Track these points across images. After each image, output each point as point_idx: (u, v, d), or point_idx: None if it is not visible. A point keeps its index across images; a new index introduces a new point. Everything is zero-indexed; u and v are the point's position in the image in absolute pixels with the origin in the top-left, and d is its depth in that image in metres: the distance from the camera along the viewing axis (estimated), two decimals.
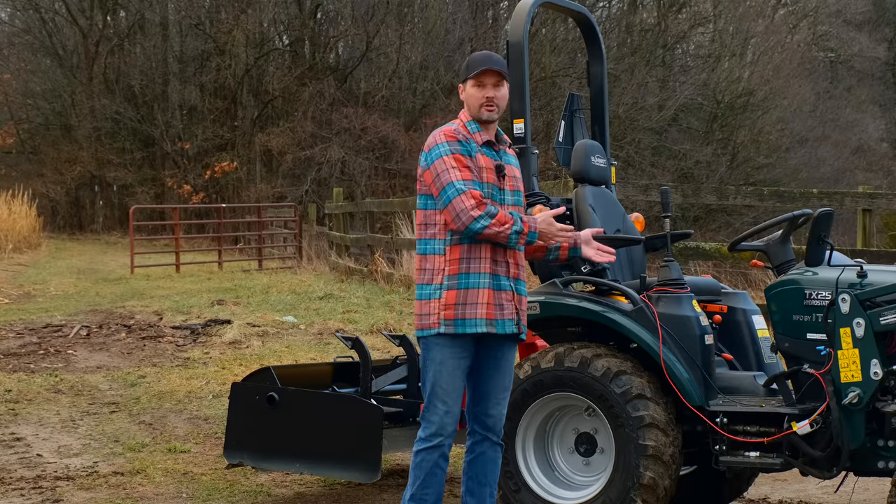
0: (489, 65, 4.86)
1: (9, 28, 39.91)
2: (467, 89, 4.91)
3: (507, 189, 4.90)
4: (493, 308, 4.80)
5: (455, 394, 4.83)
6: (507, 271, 4.86)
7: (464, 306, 4.79)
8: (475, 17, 34.83)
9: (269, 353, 11.11)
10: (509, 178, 4.92)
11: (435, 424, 4.84)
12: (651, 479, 5.08)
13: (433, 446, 4.85)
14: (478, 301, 4.80)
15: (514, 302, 4.86)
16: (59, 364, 10.86)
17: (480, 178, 4.81)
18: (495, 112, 4.89)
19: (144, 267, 21.72)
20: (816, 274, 5.15)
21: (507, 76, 4.92)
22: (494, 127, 4.96)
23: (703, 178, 31.42)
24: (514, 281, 4.88)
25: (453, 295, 4.79)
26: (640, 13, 36.33)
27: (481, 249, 4.80)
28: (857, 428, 4.93)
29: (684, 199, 13.23)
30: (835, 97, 39.08)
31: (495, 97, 4.87)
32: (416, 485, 4.90)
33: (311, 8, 36.26)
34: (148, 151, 36.29)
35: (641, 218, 6.19)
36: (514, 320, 4.86)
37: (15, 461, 7.21)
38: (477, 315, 4.79)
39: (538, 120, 29.81)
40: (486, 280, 4.80)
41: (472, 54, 5.04)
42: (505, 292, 4.84)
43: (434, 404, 4.83)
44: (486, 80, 4.87)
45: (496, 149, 4.93)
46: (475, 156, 4.83)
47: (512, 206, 4.89)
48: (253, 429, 6.33)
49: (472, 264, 4.81)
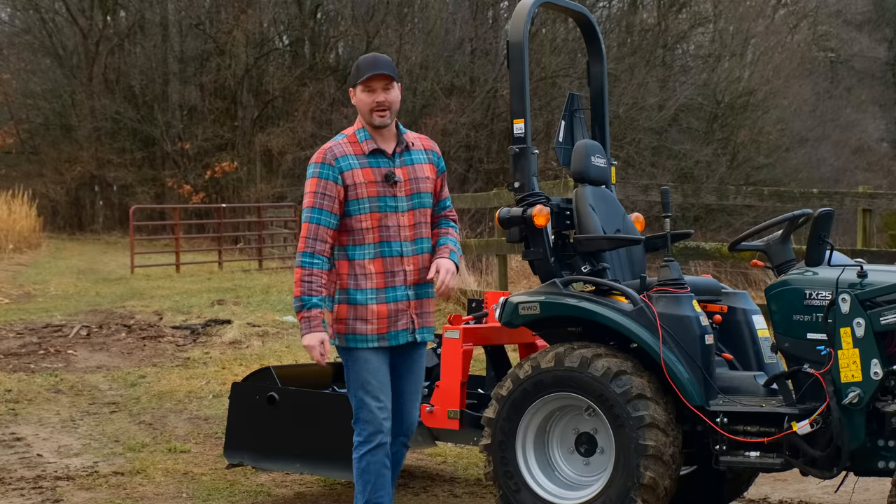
0: (377, 69, 4.82)
1: (9, 28, 39.90)
2: (357, 94, 4.88)
3: (404, 195, 4.86)
4: (385, 321, 4.83)
5: (385, 388, 4.85)
6: (403, 280, 4.86)
7: (354, 321, 4.83)
8: (475, 17, 34.83)
9: (269, 353, 11.11)
10: (407, 181, 4.88)
11: (371, 424, 4.81)
12: (651, 478, 5.08)
13: (375, 446, 4.82)
14: (366, 317, 4.82)
15: (410, 311, 4.87)
16: (59, 364, 10.86)
17: (356, 194, 4.77)
18: (388, 116, 4.86)
19: (144, 267, 21.71)
20: (816, 274, 5.14)
21: (396, 78, 4.88)
22: (391, 130, 4.92)
23: (703, 178, 31.43)
24: (412, 288, 4.88)
25: (343, 309, 4.84)
26: (640, 13, 36.34)
27: (366, 265, 4.82)
28: (857, 428, 4.92)
29: (684, 199, 13.22)
30: (835, 97, 39.10)
31: (386, 100, 4.84)
32: (367, 491, 4.86)
33: (311, 8, 36.24)
34: (148, 151, 36.30)
35: (641, 218, 6.19)
36: (409, 329, 4.87)
37: (15, 461, 7.21)
38: (367, 331, 4.82)
39: (538, 120, 29.80)
40: (372, 296, 4.81)
41: (359, 58, 4.95)
42: (400, 303, 4.85)
43: (366, 402, 4.81)
44: (375, 84, 4.83)
45: (390, 154, 4.88)
46: (350, 172, 4.77)
47: (410, 212, 4.87)
48: (253, 429, 6.34)
49: (359, 280, 4.83)
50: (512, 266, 13.83)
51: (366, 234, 4.82)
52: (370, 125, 4.89)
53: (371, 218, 4.81)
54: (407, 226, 4.87)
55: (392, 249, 4.84)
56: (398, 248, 4.85)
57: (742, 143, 33.62)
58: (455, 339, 5.88)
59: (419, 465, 7.26)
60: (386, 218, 4.83)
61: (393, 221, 4.84)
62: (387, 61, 4.88)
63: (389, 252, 4.84)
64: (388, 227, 4.83)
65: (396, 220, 4.85)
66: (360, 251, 4.83)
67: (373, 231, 4.82)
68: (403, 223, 4.86)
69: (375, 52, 5.18)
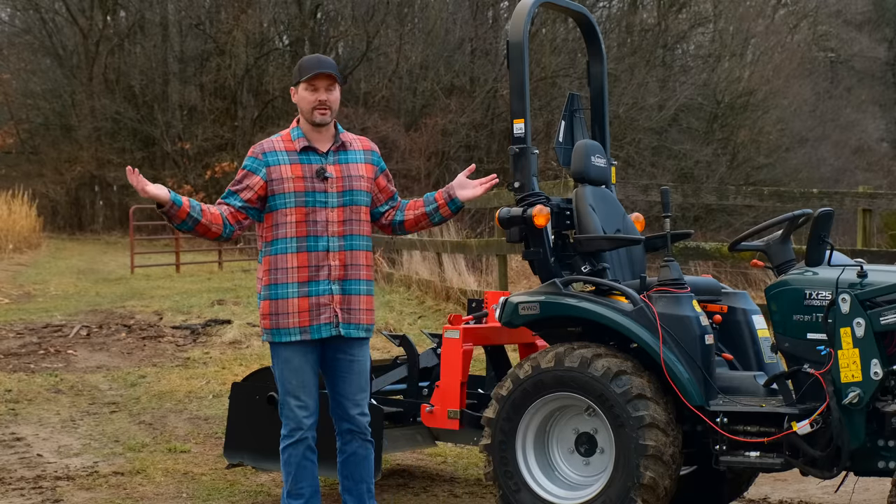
0: (321, 68, 5.01)
1: (9, 28, 39.94)
2: (299, 92, 5.05)
3: (335, 191, 5.00)
4: (307, 314, 4.95)
5: (305, 388, 4.99)
6: (328, 274, 4.97)
7: (276, 316, 4.99)
8: (475, 17, 34.84)
9: (268, 353, 11.07)
10: (340, 178, 5.01)
11: (292, 420, 5.01)
12: (651, 479, 5.08)
13: (296, 441, 5.01)
14: (288, 311, 4.96)
15: (333, 305, 4.97)
16: (59, 364, 10.87)
17: (283, 188, 4.94)
18: (328, 115, 5.03)
19: (144, 267, 21.73)
20: (816, 274, 5.14)
21: (339, 79, 5.06)
22: (329, 129, 5.08)
23: (703, 178, 31.44)
24: (338, 283, 4.98)
25: (267, 305, 5.01)
26: (640, 13, 36.36)
27: (288, 259, 4.96)
28: (857, 428, 4.92)
29: (684, 199, 13.21)
30: (835, 97, 39.11)
31: (328, 100, 5.01)
32: (289, 481, 5.06)
33: (311, 8, 36.26)
34: (148, 151, 36.31)
35: (641, 218, 6.19)
36: (333, 324, 4.97)
37: (15, 461, 7.21)
38: (290, 325, 4.97)
39: (538, 120, 29.81)
40: (294, 289, 4.95)
41: (303, 58, 5.17)
42: (322, 297, 4.96)
43: (287, 401, 5.02)
44: (318, 83, 5.01)
45: (323, 151, 5.03)
46: (277, 167, 4.95)
47: (341, 209, 4.99)
48: (253, 429, 6.34)
49: (280, 275, 4.98)
50: (512, 266, 13.84)
51: (289, 228, 4.97)
52: (310, 123, 5.05)
53: (297, 212, 4.96)
54: (336, 221, 5.00)
55: (318, 244, 4.97)
56: (325, 243, 4.98)
57: (742, 143, 33.63)
58: (455, 339, 5.88)
59: (419, 465, 7.26)
60: (314, 213, 4.97)
61: (322, 217, 4.98)
62: (330, 62, 5.09)
63: (315, 247, 4.97)
64: (317, 221, 4.97)
65: (325, 216, 4.98)
66: (282, 245, 4.97)
67: (297, 225, 4.96)
68: (333, 218, 4.99)
69: (319, 54, 5.37)
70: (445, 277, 14.92)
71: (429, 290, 14.92)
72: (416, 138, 31.98)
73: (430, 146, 32.07)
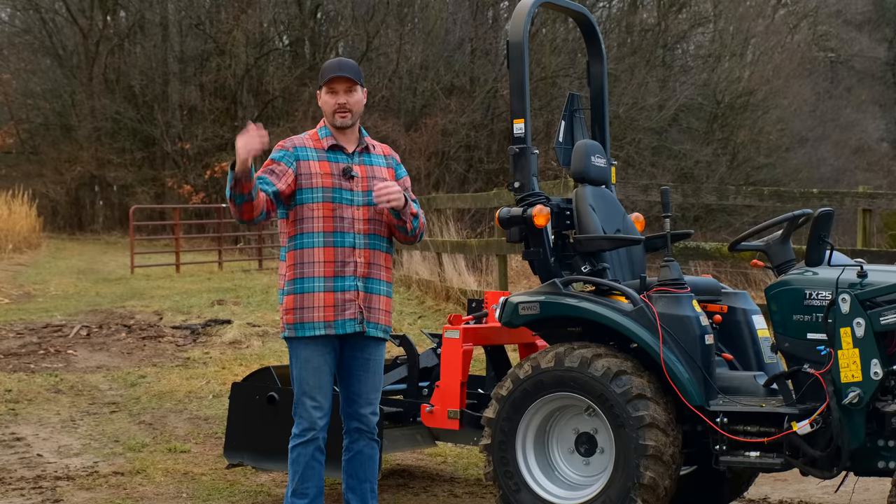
0: (339, 72, 5.05)
1: (9, 28, 39.92)
2: (322, 96, 5.11)
3: (360, 190, 5.05)
4: (332, 310, 4.96)
5: (322, 389, 5.01)
6: (354, 270, 4.99)
7: (301, 310, 4.98)
8: (475, 17, 34.82)
9: (269, 353, 11.11)
10: (364, 178, 5.06)
11: (306, 420, 5.02)
12: (651, 479, 5.08)
13: (307, 441, 5.03)
14: (314, 305, 4.97)
15: (358, 301, 4.99)
16: (59, 364, 10.87)
17: (311, 183, 4.97)
18: (349, 118, 5.07)
19: (144, 267, 21.72)
20: (816, 274, 5.14)
21: (359, 82, 5.08)
22: (353, 131, 5.13)
23: (703, 178, 31.42)
24: (363, 280, 5.01)
25: (291, 300, 5.01)
26: (640, 13, 36.35)
27: (315, 253, 4.98)
28: (857, 428, 4.92)
29: (684, 199, 13.21)
30: (835, 97, 39.10)
31: (348, 103, 5.05)
32: (295, 479, 5.06)
33: (311, 8, 36.25)
34: (148, 151, 36.31)
35: (641, 218, 6.19)
36: (357, 319, 4.99)
37: (15, 461, 7.21)
38: (314, 318, 4.97)
39: (538, 120, 29.81)
40: (320, 284, 4.96)
41: (325, 62, 5.24)
42: (348, 293, 4.98)
43: (303, 401, 5.03)
44: (337, 86, 5.06)
45: (349, 152, 5.08)
46: (306, 162, 5.00)
47: (365, 207, 5.03)
48: (253, 429, 6.34)
49: (307, 269, 4.99)
50: (512, 266, 13.84)
51: (316, 223, 4.99)
52: (332, 125, 5.10)
53: (324, 207, 4.99)
54: (362, 219, 5.04)
55: (345, 240, 5.00)
56: (351, 240, 5.01)
57: (742, 143, 33.62)
58: (455, 339, 5.88)
59: (419, 465, 7.27)
60: (341, 209, 5.00)
61: (348, 213, 5.01)
62: (350, 65, 5.11)
63: (342, 242, 4.99)
64: (343, 218, 5.00)
65: (352, 213, 5.02)
66: (308, 239, 4.99)
67: (324, 220, 4.99)
68: (358, 216, 5.03)
69: (341, 57, 5.46)
70: (445, 277, 14.93)
71: (429, 290, 14.92)
72: (416, 138, 31.96)
73: (430, 146, 32.06)
